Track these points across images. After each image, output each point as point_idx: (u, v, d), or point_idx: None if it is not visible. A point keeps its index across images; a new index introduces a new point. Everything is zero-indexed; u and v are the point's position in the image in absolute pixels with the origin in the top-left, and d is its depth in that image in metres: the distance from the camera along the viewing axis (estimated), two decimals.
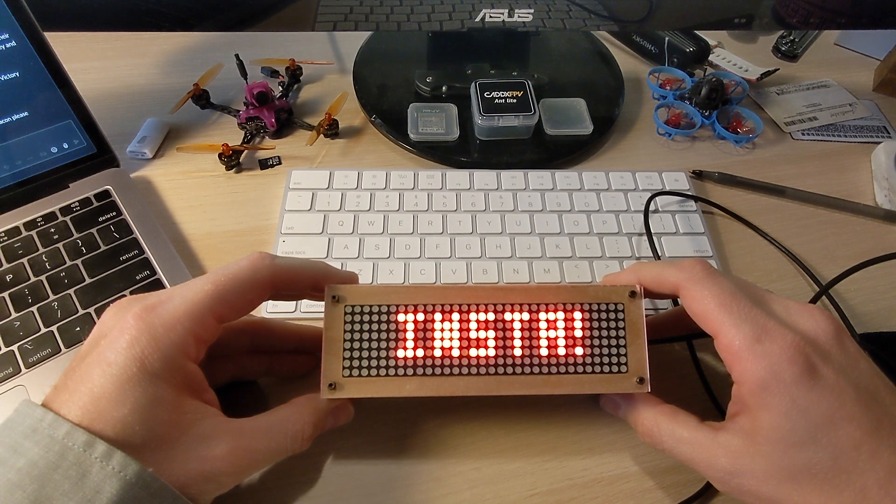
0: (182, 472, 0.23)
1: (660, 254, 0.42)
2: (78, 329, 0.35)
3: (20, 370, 0.34)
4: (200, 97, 0.51)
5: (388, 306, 0.28)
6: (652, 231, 0.43)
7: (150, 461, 0.22)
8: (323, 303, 0.28)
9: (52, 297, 0.36)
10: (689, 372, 0.36)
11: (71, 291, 0.37)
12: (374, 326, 0.28)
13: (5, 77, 0.38)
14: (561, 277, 0.40)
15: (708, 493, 0.31)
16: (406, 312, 0.28)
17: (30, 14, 0.38)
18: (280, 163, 0.48)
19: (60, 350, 0.34)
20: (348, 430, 0.33)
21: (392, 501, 0.31)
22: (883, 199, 0.47)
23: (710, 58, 0.60)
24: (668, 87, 0.55)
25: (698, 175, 0.48)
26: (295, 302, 0.38)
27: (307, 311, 0.38)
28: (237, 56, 0.49)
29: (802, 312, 0.26)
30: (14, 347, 0.34)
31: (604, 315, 0.29)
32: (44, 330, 0.35)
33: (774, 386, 0.24)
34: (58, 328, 0.35)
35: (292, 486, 0.31)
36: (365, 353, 0.28)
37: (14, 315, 0.35)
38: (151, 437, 0.23)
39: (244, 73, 0.49)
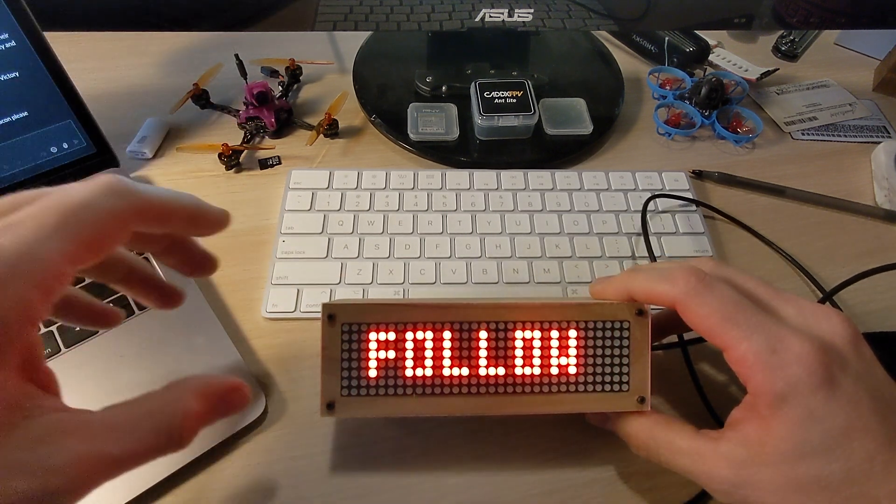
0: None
1: (659, 254, 0.42)
2: (78, 329, 0.35)
3: None
4: (200, 97, 0.51)
5: (387, 325, 0.27)
6: (652, 231, 0.43)
7: None
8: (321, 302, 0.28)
9: None
10: (681, 377, 0.36)
11: None
12: (373, 346, 0.28)
13: (5, 77, 0.38)
14: (561, 277, 0.40)
15: (708, 494, 0.31)
16: (405, 331, 0.28)
17: (30, 14, 0.38)
18: (280, 163, 0.48)
19: (60, 350, 0.34)
20: (344, 430, 0.33)
21: (391, 502, 0.31)
22: (883, 199, 0.47)
23: (710, 57, 0.60)
24: (668, 87, 0.55)
25: (698, 175, 0.48)
26: (295, 302, 0.38)
27: (307, 311, 0.38)
28: (237, 56, 0.49)
29: (817, 314, 0.25)
30: None
31: (608, 333, 0.28)
32: (43, 329, 0.35)
33: (792, 397, 0.23)
34: (57, 328, 0.35)
35: (284, 482, 0.31)
36: (363, 373, 0.27)
37: None
38: None
39: (244, 73, 0.49)
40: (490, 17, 0.47)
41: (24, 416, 0.17)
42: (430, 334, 0.28)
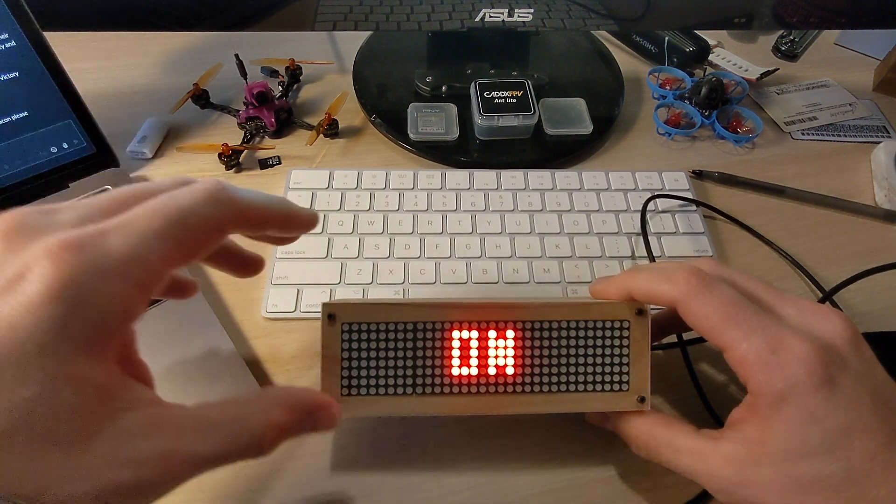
0: (93, 483, 0.17)
1: (659, 254, 0.42)
2: None
3: None
4: (200, 97, 0.51)
5: (387, 324, 0.27)
6: (652, 230, 0.43)
7: (51, 466, 0.16)
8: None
9: None
10: (681, 377, 0.36)
11: None
12: (373, 345, 0.27)
13: (5, 77, 0.38)
14: (561, 277, 0.40)
15: (708, 494, 0.31)
16: (405, 331, 0.28)
17: (30, 14, 0.38)
18: (280, 163, 0.48)
19: None
20: (345, 430, 0.33)
21: (391, 501, 0.31)
22: (882, 199, 0.47)
23: (710, 57, 0.60)
24: (668, 87, 0.55)
25: (698, 175, 0.48)
26: (295, 302, 0.38)
27: (307, 311, 0.38)
28: (237, 56, 0.49)
29: (817, 314, 0.25)
30: None
31: (608, 333, 0.28)
32: None
33: (792, 398, 0.23)
34: None
35: (284, 482, 0.31)
36: (363, 373, 0.27)
37: None
38: (58, 432, 0.17)
39: (244, 73, 0.49)
40: (490, 17, 0.47)
41: (124, 408, 0.18)
42: (429, 334, 0.28)
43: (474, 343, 0.28)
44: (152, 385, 0.21)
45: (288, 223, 0.24)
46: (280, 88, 0.53)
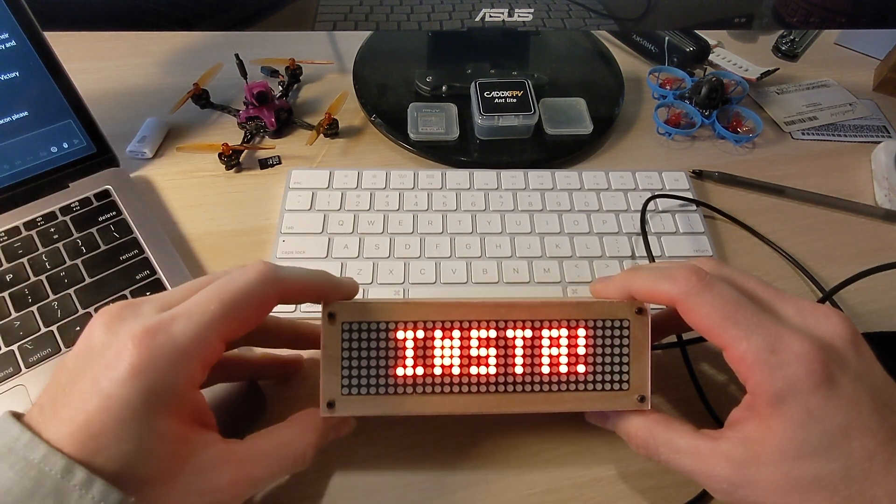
0: None
1: (659, 254, 0.42)
2: (78, 329, 0.35)
3: (20, 370, 0.34)
4: (200, 97, 0.51)
5: (387, 323, 0.28)
6: (652, 230, 0.43)
7: (150, 496, 0.22)
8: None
9: (51, 296, 0.36)
10: (681, 377, 0.36)
11: (71, 291, 0.37)
12: (373, 344, 0.27)
13: (5, 77, 0.38)
14: (561, 277, 0.40)
15: (708, 494, 0.31)
16: (405, 330, 0.28)
17: (30, 14, 0.38)
18: (280, 162, 0.48)
19: (60, 350, 0.34)
20: None
21: (390, 501, 0.31)
22: (883, 199, 0.47)
23: (710, 57, 0.60)
24: (668, 87, 0.55)
25: (698, 175, 0.48)
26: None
27: (306, 311, 0.38)
28: (237, 56, 0.49)
29: (817, 314, 0.25)
30: (14, 347, 0.34)
31: (608, 332, 0.28)
32: (44, 330, 0.35)
33: (791, 397, 0.23)
34: (58, 328, 0.35)
35: (284, 482, 0.31)
36: (364, 372, 0.27)
37: (14, 315, 0.35)
38: (153, 472, 0.22)
39: (244, 73, 0.49)
40: (490, 16, 0.47)
41: (196, 450, 0.24)
42: (430, 333, 0.28)
43: (474, 342, 0.28)
44: (216, 428, 0.26)
45: (329, 293, 0.28)
46: (280, 88, 0.53)
